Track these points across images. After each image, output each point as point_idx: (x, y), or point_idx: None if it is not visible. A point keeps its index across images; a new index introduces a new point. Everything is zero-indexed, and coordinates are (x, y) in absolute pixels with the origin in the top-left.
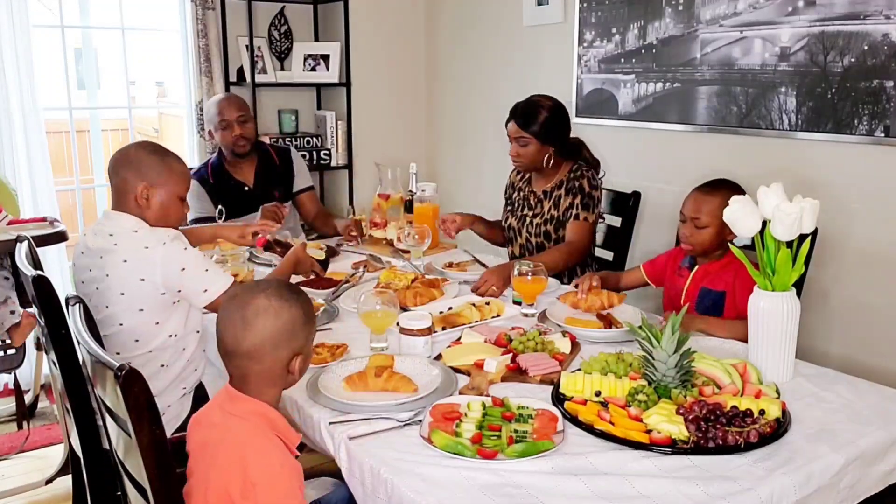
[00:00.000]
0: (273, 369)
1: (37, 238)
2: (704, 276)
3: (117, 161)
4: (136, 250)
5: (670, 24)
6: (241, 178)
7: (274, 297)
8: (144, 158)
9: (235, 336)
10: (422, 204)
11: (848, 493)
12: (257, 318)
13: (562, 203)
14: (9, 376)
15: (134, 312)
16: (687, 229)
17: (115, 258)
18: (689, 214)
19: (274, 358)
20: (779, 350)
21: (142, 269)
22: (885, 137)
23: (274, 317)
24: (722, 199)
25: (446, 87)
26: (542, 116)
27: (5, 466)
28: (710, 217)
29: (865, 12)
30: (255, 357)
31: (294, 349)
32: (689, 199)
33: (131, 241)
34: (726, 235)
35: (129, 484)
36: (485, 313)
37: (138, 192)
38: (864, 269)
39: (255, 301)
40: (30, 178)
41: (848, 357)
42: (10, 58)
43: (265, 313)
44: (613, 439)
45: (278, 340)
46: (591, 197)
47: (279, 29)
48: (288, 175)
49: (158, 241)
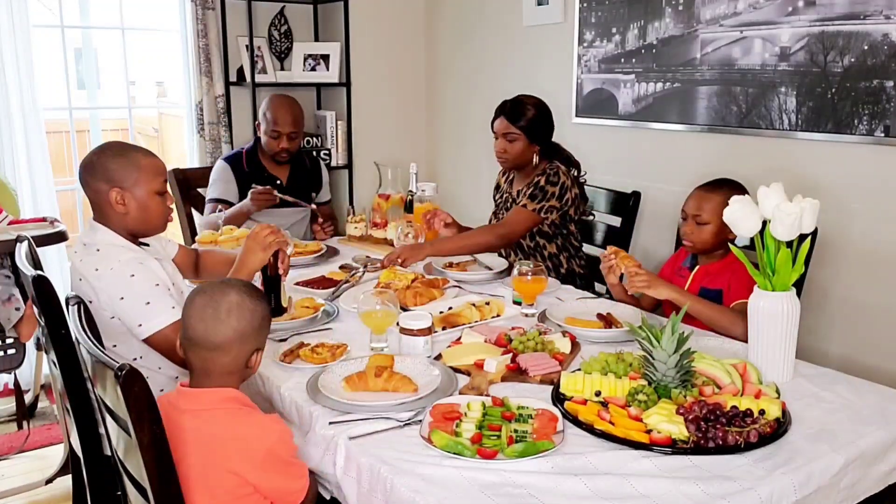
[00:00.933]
0: (236, 362)
1: (37, 238)
2: (704, 277)
3: (84, 172)
4: (88, 271)
5: (670, 24)
6: (274, 173)
7: (245, 294)
8: (109, 163)
9: (206, 329)
10: (422, 204)
11: (848, 493)
12: (230, 313)
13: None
14: (9, 376)
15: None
16: (688, 227)
17: (76, 274)
18: (690, 212)
19: (239, 351)
20: (779, 350)
21: (88, 291)
22: (885, 137)
23: (246, 313)
24: (724, 198)
25: (446, 87)
26: (531, 113)
27: (5, 466)
28: (712, 214)
29: (865, 12)
30: (224, 349)
31: (257, 344)
32: (692, 196)
33: (89, 259)
34: (727, 234)
35: (129, 484)
36: (485, 313)
37: (113, 199)
38: (864, 269)
39: (227, 297)
40: (30, 178)
41: (848, 357)
42: (10, 58)
43: (238, 309)
44: (613, 439)
45: (246, 335)
46: (543, 190)
47: (279, 29)
48: (317, 181)
49: (108, 266)
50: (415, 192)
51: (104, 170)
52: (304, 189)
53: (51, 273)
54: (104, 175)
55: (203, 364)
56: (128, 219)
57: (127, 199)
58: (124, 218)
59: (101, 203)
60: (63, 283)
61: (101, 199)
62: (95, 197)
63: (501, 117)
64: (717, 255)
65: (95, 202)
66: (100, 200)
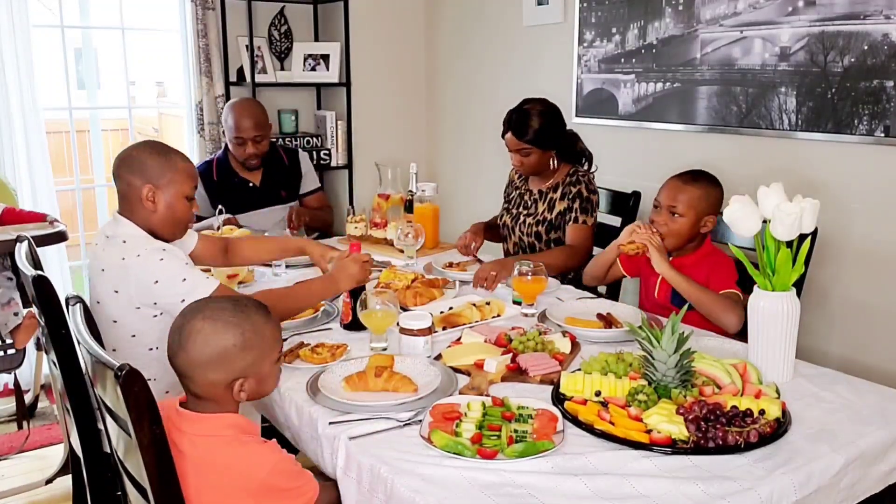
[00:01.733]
0: (210, 390)
1: (37, 238)
2: (680, 270)
3: (120, 164)
4: (114, 261)
5: (670, 23)
6: (246, 177)
7: (209, 320)
8: (147, 159)
9: (172, 351)
10: (422, 204)
11: (848, 493)
12: (188, 339)
13: (556, 206)
14: (9, 376)
15: (109, 324)
16: (661, 217)
17: (97, 266)
18: (665, 202)
19: (207, 380)
20: (779, 350)
21: (116, 280)
22: (885, 137)
23: (203, 343)
24: (701, 191)
25: (446, 87)
26: (538, 123)
27: (5, 466)
28: (687, 207)
29: (865, 12)
30: (188, 376)
31: (233, 373)
32: (666, 186)
33: (115, 251)
34: (700, 228)
35: (129, 484)
36: (485, 313)
37: (144, 195)
38: (864, 269)
39: (192, 321)
40: (30, 178)
41: (848, 357)
42: (10, 58)
43: (196, 335)
44: (613, 439)
45: (209, 365)
46: (590, 201)
47: (279, 29)
48: (295, 176)
49: (134, 253)
50: (415, 192)
51: (141, 165)
52: (277, 188)
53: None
54: (140, 170)
55: (185, 388)
56: (153, 217)
57: (157, 198)
58: (151, 216)
59: (132, 197)
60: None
61: (132, 193)
62: (127, 190)
63: (510, 133)
64: (690, 249)
65: (126, 195)
66: (130, 195)
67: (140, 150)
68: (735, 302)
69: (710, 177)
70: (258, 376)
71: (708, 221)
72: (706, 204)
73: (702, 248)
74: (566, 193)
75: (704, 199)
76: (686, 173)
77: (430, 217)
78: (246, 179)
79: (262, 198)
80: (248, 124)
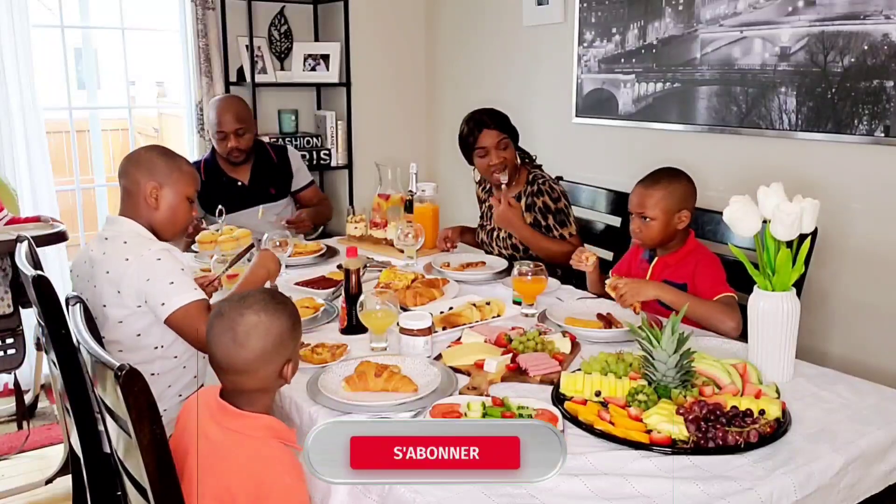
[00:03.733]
0: (266, 380)
1: (37, 238)
2: (665, 269)
3: (127, 163)
4: (117, 261)
5: (670, 24)
6: (234, 176)
7: (263, 312)
8: (154, 159)
9: (228, 354)
10: (422, 204)
11: (848, 493)
12: (248, 336)
13: (525, 217)
14: (9, 376)
15: (115, 324)
16: (635, 224)
17: (101, 268)
18: (635, 210)
19: (266, 371)
20: (779, 350)
21: (119, 280)
22: (885, 137)
23: (265, 333)
24: (664, 191)
25: (446, 87)
26: (499, 114)
27: (5, 466)
28: (654, 209)
29: (865, 12)
30: (249, 372)
31: (285, 357)
32: (633, 193)
33: (118, 252)
34: (676, 225)
35: (129, 484)
36: (485, 313)
37: (147, 192)
38: (864, 269)
39: (244, 319)
40: (30, 178)
41: (848, 357)
42: (10, 58)
43: (255, 330)
44: (613, 439)
45: (270, 355)
46: (561, 211)
47: (279, 29)
48: (285, 173)
49: (138, 253)
50: (415, 192)
51: (149, 164)
52: (267, 186)
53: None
54: (148, 168)
55: (233, 386)
56: (155, 215)
57: (161, 196)
58: (152, 213)
59: (135, 195)
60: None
61: (136, 190)
62: (132, 188)
63: (485, 130)
64: (673, 246)
65: (129, 192)
66: (135, 192)
67: (148, 151)
68: (731, 306)
69: (671, 173)
70: (296, 358)
71: (682, 216)
72: (672, 201)
73: (685, 245)
74: (531, 205)
75: (669, 198)
76: (647, 177)
77: (430, 217)
78: (234, 178)
79: (251, 196)
80: (228, 118)
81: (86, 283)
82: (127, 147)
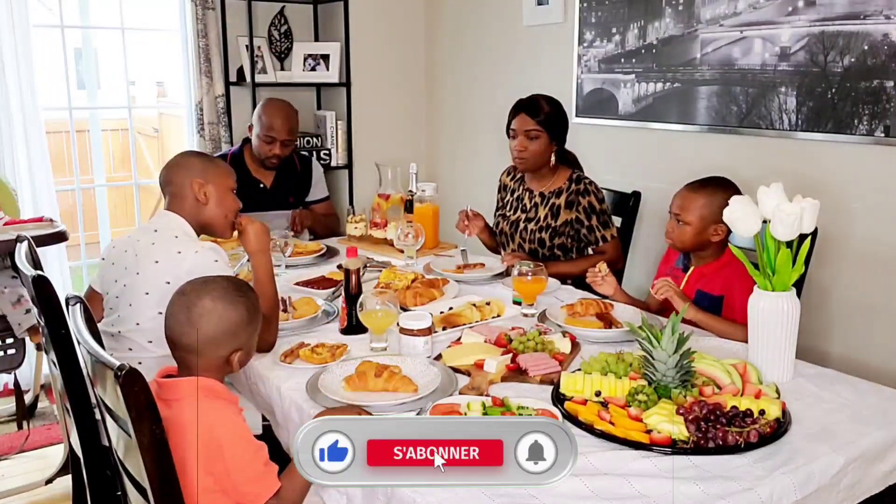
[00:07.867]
0: (212, 363)
1: (37, 238)
2: (700, 279)
3: (169, 170)
4: (169, 253)
5: (670, 23)
6: (258, 177)
7: (220, 300)
8: (192, 160)
9: (180, 331)
10: (422, 204)
11: (848, 493)
12: (201, 318)
13: (561, 214)
14: (9, 376)
15: (154, 314)
16: (670, 225)
17: (148, 258)
18: (672, 210)
19: (214, 355)
20: (779, 350)
21: (170, 272)
22: (885, 137)
23: (217, 320)
24: (706, 199)
25: (446, 87)
26: (550, 108)
27: (5, 466)
28: (692, 215)
29: (865, 12)
30: (195, 353)
31: (234, 346)
32: (678, 194)
33: (168, 245)
34: (709, 236)
35: (129, 484)
36: (485, 313)
37: (196, 190)
38: (864, 269)
39: (200, 302)
40: (30, 178)
41: (848, 357)
42: (10, 58)
43: (209, 315)
44: (613, 439)
45: (220, 340)
46: (605, 212)
47: (279, 29)
48: (305, 183)
49: (191, 249)
50: (415, 192)
51: (189, 165)
52: (287, 193)
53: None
54: (189, 169)
55: (181, 361)
56: (205, 211)
57: (208, 191)
58: (202, 210)
59: (184, 197)
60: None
61: (182, 191)
62: (178, 190)
63: (522, 114)
64: (709, 256)
65: (177, 195)
66: (181, 193)
67: (184, 156)
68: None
69: (719, 183)
70: (249, 347)
71: (719, 230)
72: (710, 211)
73: (722, 258)
74: (573, 203)
75: (708, 207)
76: (697, 181)
77: (430, 217)
78: (258, 179)
79: (270, 200)
80: (284, 127)
81: (122, 270)
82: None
